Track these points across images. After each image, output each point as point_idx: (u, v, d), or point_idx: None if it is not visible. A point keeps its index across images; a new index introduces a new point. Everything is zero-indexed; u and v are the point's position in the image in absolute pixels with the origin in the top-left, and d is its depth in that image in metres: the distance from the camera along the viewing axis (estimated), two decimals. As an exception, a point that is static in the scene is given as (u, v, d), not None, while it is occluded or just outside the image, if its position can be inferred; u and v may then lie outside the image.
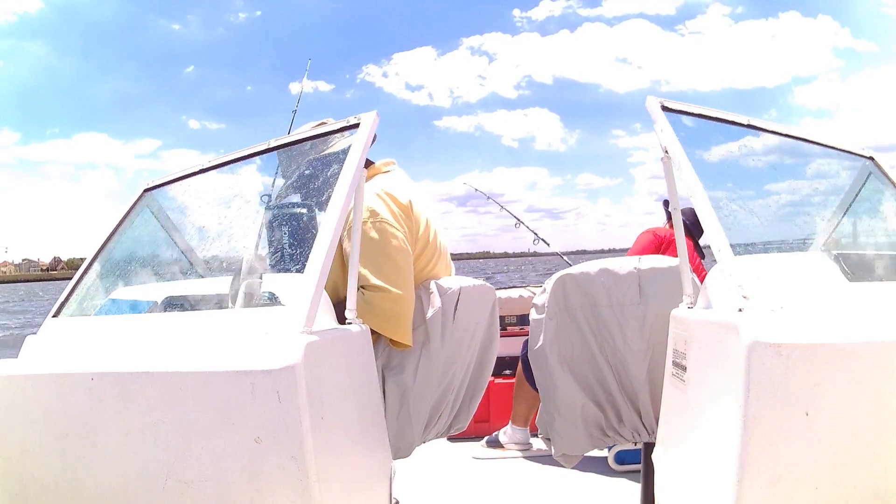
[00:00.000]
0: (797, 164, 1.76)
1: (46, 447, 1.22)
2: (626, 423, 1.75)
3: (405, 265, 1.59)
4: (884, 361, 1.01)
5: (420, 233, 1.69)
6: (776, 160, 1.69)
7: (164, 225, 1.80)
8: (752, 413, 0.98)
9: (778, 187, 1.68)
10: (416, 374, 1.62)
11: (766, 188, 1.65)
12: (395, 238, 1.57)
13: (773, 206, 1.64)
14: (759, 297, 1.11)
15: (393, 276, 1.54)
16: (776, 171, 1.69)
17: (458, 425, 1.89)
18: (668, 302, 1.46)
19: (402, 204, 1.64)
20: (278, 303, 1.33)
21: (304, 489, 1.03)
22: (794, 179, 1.76)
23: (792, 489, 0.99)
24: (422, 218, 1.71)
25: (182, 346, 1.23)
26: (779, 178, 1.70)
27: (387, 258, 1.55)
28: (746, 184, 1.62)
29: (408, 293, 1.58)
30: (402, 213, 1.63)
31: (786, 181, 1.72)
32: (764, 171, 1.67)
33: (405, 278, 1.58)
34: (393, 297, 1.53)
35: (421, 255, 1.70)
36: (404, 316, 1.58)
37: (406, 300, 1.57)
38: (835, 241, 1.71)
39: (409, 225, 1.65)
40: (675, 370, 1.33)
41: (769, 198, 1.65)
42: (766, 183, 1.66)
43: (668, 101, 1.45)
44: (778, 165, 1.70)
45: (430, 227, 1.75)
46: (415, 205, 1.69)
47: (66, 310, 1.57)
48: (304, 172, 1.66)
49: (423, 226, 1.71)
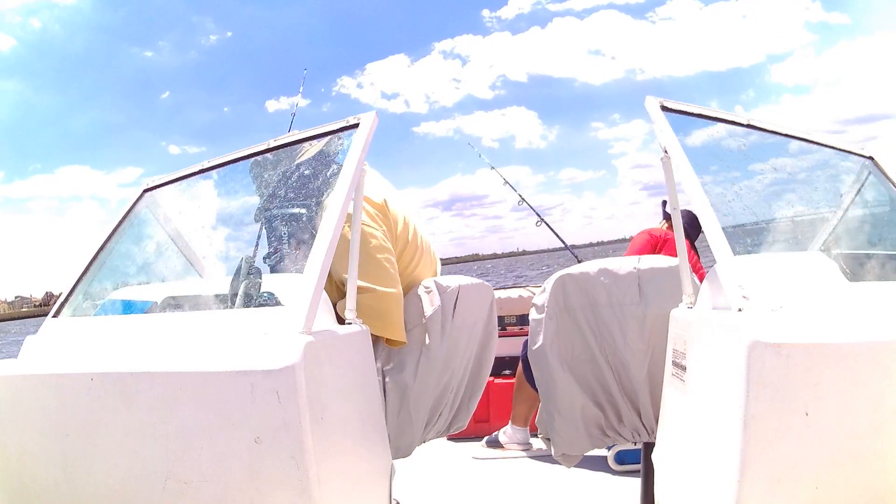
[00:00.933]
0: (797, 164, 1.76)
1: (46, 447, 1.22)
2: (626, 423, 1.75)
3: (387, 263, 1.58)
4: (884, 361, 1.01)
5: (399, 231, 1.69)
6: (776, 160, 1.69)
7: (163, 225, 1.81)
8: (752, 413, 0.98)
9: (777, 187, 1.68)
10: (416, 372, 1.62)
11: (765, 188, 1.65)
12: (374, 237, 1.57)
13: (772, 205, 1.64)
14: (759, 297, 1.11)
15: (377, 275, 1.54)
16: (776, 170, 1.69)
17: (457, 424, 1.89)
18: (668, 302, 1.46)
19: (377, 203, 1.64)
20: (278, 303, 1.33)
21: (304, 489, 1.03)
22: (794, 179, 1.76)
23: (792, 489, 0.99)
24: (399, 216, 1.71)
25: (182, 346, 1.23)
26: (778, 178, 1.70)
27: (369, 258, 1.54)
28: (746, 184, 1.62)
29: (394, 289, 1.57)
30: (378, 213, 1.63)
31: (785, 181, 1.72)
32: (764, 171, 1.67)
33: (390, 276, 1.57)
34: (379, 296, 1.53)
35: (402, 254, 1.69)
36: (394, 313, 1.57)
37: (394, 297, 1.57)
38: (835, 241, 1.71)
39: (387, 223, 1.64)
40: (675, 370, 1.33)
41: (769, 197, 1.65)
42: (765, 183, 1.66)
43: (667, 101, 1.45)
44: (777, 165, 1.70)
45: (409, 225, 1.74)
46: (390, 203, 1.68)
47: (65, 310, 1.57)
48: (304, 173, 1.66)
49: (402, 224, 1.71)
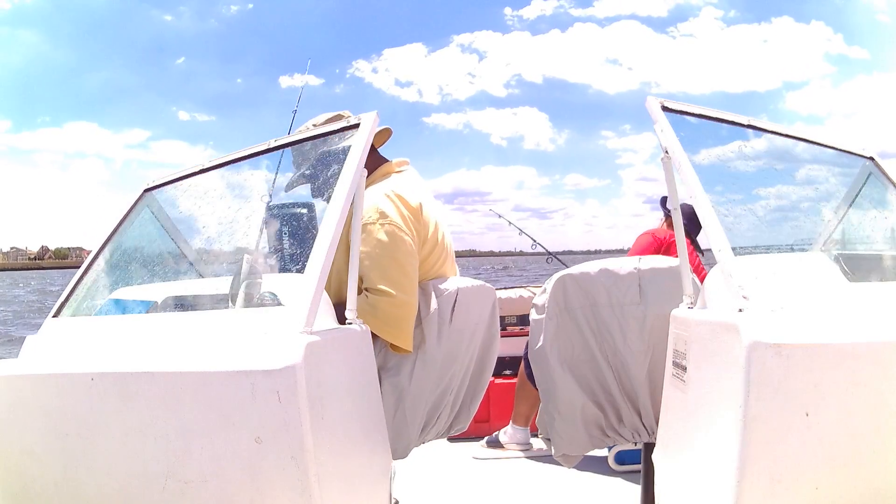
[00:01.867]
0: (797, 165, 1.76)
1: (46, 447, 1.22)
2: (626, 424, 1.75)
3: (412, 270, 1.58)
4: (884, 361, 1.01)
5: (429, 235, 1.69)
6: (776, 160, 1.69)
7: (164, 225, 1.80)
8: (753, 413, 0.98)
9: (778, 187, 1.68)
10: (412, 375, 1.61)
11: (766, 188, 1.65)
12: (404, 242, 1.57)
13: (773, 205, 1.64)
14: (760, 298, 1.11)
15: (399, 281, 1.54)
16: (776, 171, 1.69)
17: (458, 426, 1.89)
18: (669, 302, 1.46)
19: (412, 207, 1.63)
20: (278, 303, 1.33)
21: (304, 489, 1.03)
22: (795, 179, 1.76)
23: (792, 489, 0.99)
24: (431, 220, 1.71)
25: (182, 346, 1.23)
26: (779, 179, 1.70)
27: (394, 262, 1.54)
28: (746, 184, 1.62)
29: (412, 299, 1.57)
30: (412, 216, 1.62)
31: (786, 181, 1.72)
32: (764, 172, 1.67)
33: (411, 283, 1.57)
34: (398, 302, 1.53)
35: (430, 255, 1.69)
36: (407, 321, 1.57)
37: (410, 305, 1.57)
38: (835, 241, 1.71)
39: (419, 228, 1.64)
40: (676, 370, 1.32)
41: (770, 198, 1.65)
42: (766, 183, 1.66)
43: (668, 101, 1.45)
44: (778, 165, 1.70)
45: (439, 229, 1.74)
46: (425, 207, 1.68)
47: (66, 310, 1.57)
48: (307, 173, 1.65)
49: (433, 228, 1.71)
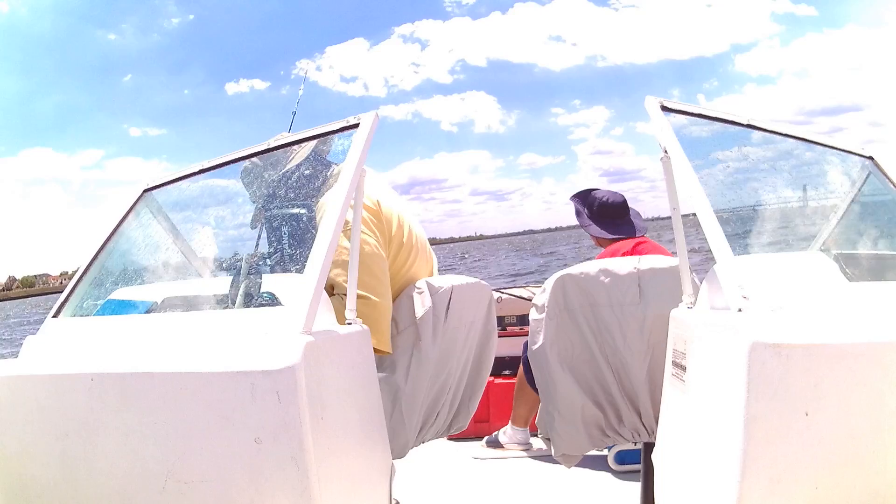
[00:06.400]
0: (796, 164, 1.76)
1: (46, 447, 1.22)
2: (626, 424, 1.75)
3: (380, 271, 1.56)
4: (884, 361, 1.01)
5: (393, 233, 1.66)
6: (776, 160, 1.69)
7: (163, 225, 1.80)
8: (752, 413, 0.98)
9: (777, 187, 1.68)
10: (408, 374, 1.60)
11: (765, 187, 1.65)
12: (367, 244, 1.54)
13: (772, 205, 1.64)
14: (759, 297, 1.11)
15: (369, 283, 1.51)
16: (775, 170, 1.69)
17: (458, 425, 1.89)
18: (668, 302, 1.45)
19: (370, 207, 1.61)
20: (278, 303, 1.33)
21: (304, 489, 1.03)
22: (794, 179, 1.75)
23: (792, 489, 0.99)
24: (392, 216, 1.68)
25: (182, 347, 1.23)
26: (778, 178, 1.70)
27: (362, 266, 1.50)
28: (745, 183, 1.62)
29: (385, 300, 1.55)
30: (372, 217, 1.60)
31: (785, 180, 1.71)
32: (763, 171, 1.67)
33: (381, 284, 1.55)
34: (371, 304, 1.50)
35: (397, 256, 1.67)
36: (382, 322, 1.55)
37: (383, 307, 1.55)
38: (835, 241, 1.71)
39: (381, 228, 1.62)
40: (675, 370, 1.32)
41: (769, 197, 1.64)
42: (765, 182, 1.66)
43: (667, 101, 1.44)
44: (777, 165, 1.70)
45: (404, 225, 1.71)
46: (383, 204, 1.65)
47: (65, 310, 1.57)
48: (304, 173, 1.65)
49: (396, 225, 1.68)
